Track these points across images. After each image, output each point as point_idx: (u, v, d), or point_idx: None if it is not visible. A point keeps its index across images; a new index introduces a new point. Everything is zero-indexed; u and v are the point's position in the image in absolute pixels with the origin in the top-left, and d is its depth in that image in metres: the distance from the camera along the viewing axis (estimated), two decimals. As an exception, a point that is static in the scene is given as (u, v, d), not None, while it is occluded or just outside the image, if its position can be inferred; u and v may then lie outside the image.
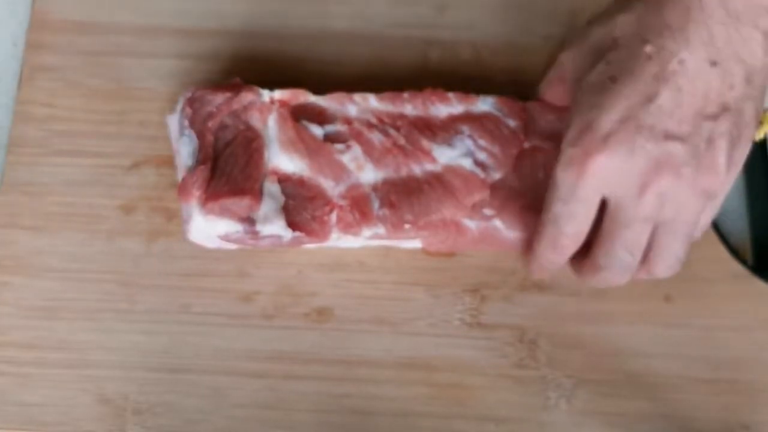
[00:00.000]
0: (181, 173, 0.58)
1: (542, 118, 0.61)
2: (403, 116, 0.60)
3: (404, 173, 0.59)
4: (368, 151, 0.59)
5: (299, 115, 0.59)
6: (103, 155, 0.62)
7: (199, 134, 0.58)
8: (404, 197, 0.58)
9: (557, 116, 0.61)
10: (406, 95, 0.60)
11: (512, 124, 0.60)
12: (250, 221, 0.57)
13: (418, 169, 0.59)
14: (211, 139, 0.58)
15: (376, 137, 0.59)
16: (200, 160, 0.57)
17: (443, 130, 0.60)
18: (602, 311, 0.60)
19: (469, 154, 0.59)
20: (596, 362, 0.59)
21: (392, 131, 0.60)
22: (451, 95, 0.60)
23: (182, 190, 0.57)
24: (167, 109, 0.62)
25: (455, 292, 0.60)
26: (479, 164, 0.59)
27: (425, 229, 0.58)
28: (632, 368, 0.59)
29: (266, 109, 0.59)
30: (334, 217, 0.57)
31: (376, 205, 0.58)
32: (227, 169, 0.57)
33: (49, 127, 0.63)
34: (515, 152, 0.59)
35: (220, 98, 0.59)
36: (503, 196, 0.59)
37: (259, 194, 0.57)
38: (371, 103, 0.60)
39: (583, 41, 0.56)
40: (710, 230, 0.61)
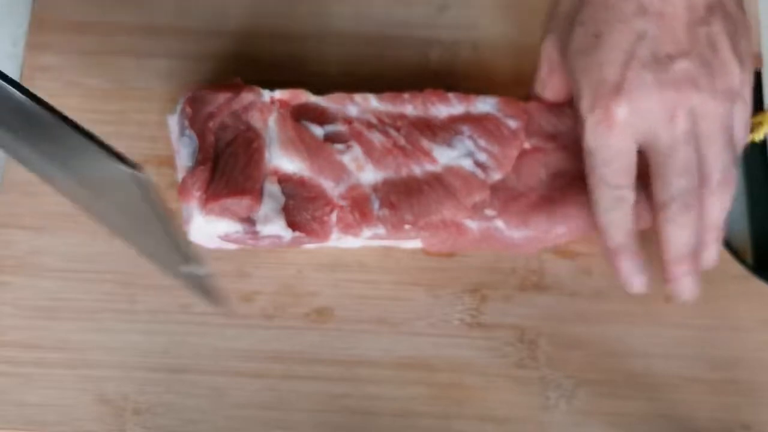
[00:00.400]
0: (181, 173, 0.58)
1: (543, 118, 0.61)
2: (403, 116, 0.60)
3: (404, 174, 0.59)
4: (368, 151, 0.59)
5: (299, 115, 0.59)
6: (103, 155, 0.62)
7: (199, 134, 0.58)
8: (404, 198, 0.58)
9: (557, 116, 0.61)
10: (406, 95, 0.60)
11: (512, 124, 0.60)
12: (250, 221, 0.57)
13: (418, 169, 0.59)
14: (211, 139, 0.58)
15: (376, 137, 0.59)
16: (200, 160, 0.57)
17: (443, 130, 0.60)
18: (602, 311, 0.60)
19: (469, 154, 0.59)
20: (596, 362, 0.59)
21: (392, 131, 0.60)
22: (451, 95, 0.60)
23: (182, 190, 0.57)
24: (167, 109, 0.62)
25: (455, 292, 0.60)
26: (479, 165, 0.59)
27: (425, 229, 0.58)
28: (632, 368, 0.59)
29: (266, 109, 0.59)
30: (334, 217, 0.57)
31: (376, 205, 0.58)
32: (227, 169, 0.57)
33: (49, 127, 0.63)
34: (515, 153, 0.59)
35: (220, 98, 0.59)
36: (504, 196, 0.59)
37: (259, 194, 0.57)
38: (371, 103, 0.60)
39: (554, 19, 0.58)
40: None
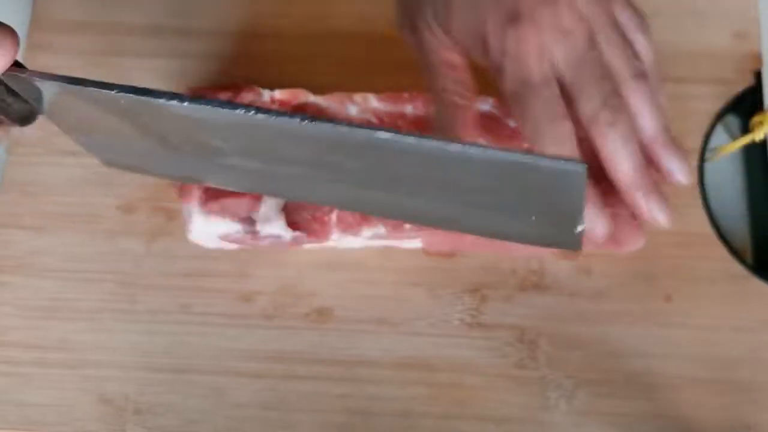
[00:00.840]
0: (181, 173, 0.58)
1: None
2: (403, 116, 0.60)
3: (404, 173, 0.59)
4: (368, 151, 0.59)
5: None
6: (103, 155, 0.62)
7: (199, 134, 0.58)
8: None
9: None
10: (406, 95, 0.60)
11: (512, 123, 0.60)
12: (250, 221, 0.57)
13: (418, 169, 0.59)
14: (211, 138, 0.58)
15: (376, 137, 0.59)
16: (200, 159, 0.58)
17: (443, 129, 0.60)
18: (602, 311, 0.60)
19: (469, 153, 0.59)
20: (596, 362, 0.59)
21: (392, 131, 0.60)
22: (451, 95, 0.60)
23: (183, 190, 0.57)
24: (167, 109, 0.62)
25: (455, 292, 0.60)
26: (479, 164, 0.59)
27: (425, 229, 0.58)
28: (632, 368, 0.59)
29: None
30: (334, 217, 0.57)
31: None
32: (227, 169, 0.57)
33: (49, 127, 0.63)
34: (515, 152, 0.59)
35: (220, 98, 0.59)
36: (503, 196, 0.59)
37: (258, 194, 0.57)
38: (371, 103, 0.60)
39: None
40: (710, 230, 0.61)
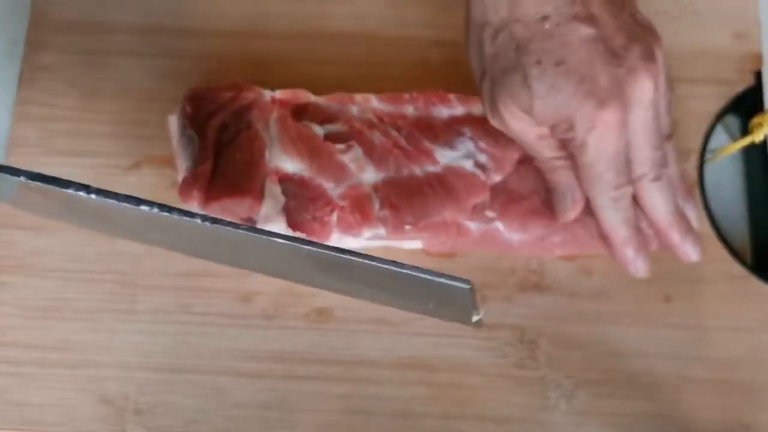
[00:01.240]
0: (181, 173, 0.58)
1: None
2: (404, 117, 0.60)
3: (405, 174, 0.59)
4: (369, 151, 0.59)
5: (300, 115, 0.59)
6: (103, 155, 0.62)
7: (200, 134, 0.58)
8: (405, 198, 0.58)
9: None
10: (406, 96, 0.60)
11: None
12: (250, 222, 0.57)
13: (419, 170, 0.59)
14: (212, 139, 0.58)
15: (376, 138, 0.59)
16: (201, 160, 0.57)
17: (444, 131, 0.59)
18: (602, 311, 0.60)
19: (470, 155, 0.59)
20: (596, 362, 0.59)
21: (393, 132, 0.60)
22: (452, 96, 0.60)
23: (183, 190, 0.57)
24: (167, 108, 0.62)
25: (455, 292, 0.60)
26: (480, 166, 0.59)
27: (426, 230, 0.58)
28: (632, 368, 0.59)
29: (267, 109, 0.59)
30: (334, 217, 0.57)
31: (376, 205, 0.58)
32: (228, 169, 0.57)
33: (49, 127, 0.63)
34: (516, 155, 0.59)
35: (221, 98, 0.59)
36: (505, 198, 0.59)
37: (259, 194, 0.57)
38: (372, 103, 0.60)
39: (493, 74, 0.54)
40: (710, 230, 0.61)
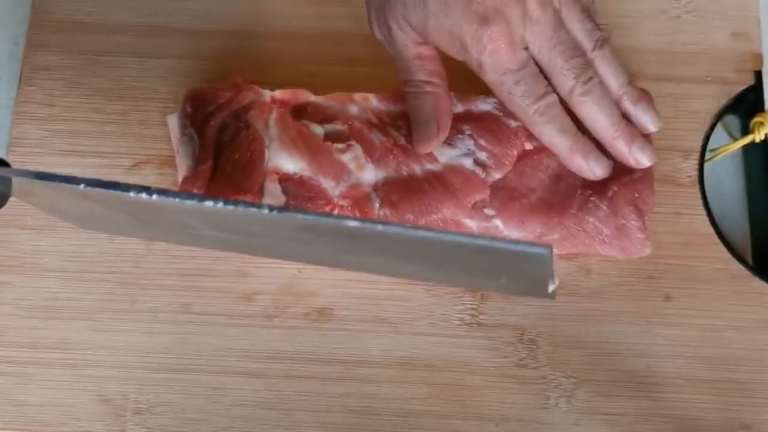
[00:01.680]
0: (181, 173, 0.58)
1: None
2: (403, 116, 0.60)
3: (405, 173, 0.59)
4: (369, 150, 0.59)
5: (300, 114, 0.59)
6: (103, 155, 0.62)
7: (200, 134, 0.58)
8: (405, 197, 0.58)
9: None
10: (407, 96, 0.60)
11: (513, 123, 0.60)
12: (250, 221, 0.57)
13: (418, 168, 0.59)
14: (212, 138, 0.58)
15: (376, 137, 0.59)
16: (201, 159, 0.57)
17: (444, 129, 0.60)
18: (602, 311, 0.60)
19: (469, 153, 0.59)
20: (596, 362, 0.59)
21: (393, 131, 0.60)
22: (451, 95, 0.60)
23: (183, 189, 0.57)
24: (168, 108, 0.62)
25: (455, 292, 0.60)
26: (480, 164, 0.59)
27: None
28: (632, 368, 0.59)
29: (267, 108, 0.59)
30: (334, 216, 0.57)
31: (376, 204, 0.58)
32: (228, 168, 0.57)
33: (49, 127, 0.63)
34: (516, 152, 0.59)
35: (220, 98, 0.59)
36: (504, 196, 0.59)
37: (259, 194, 0.57)
38: (372, 103, 0.60)
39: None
40: (710, 230, 0.61)
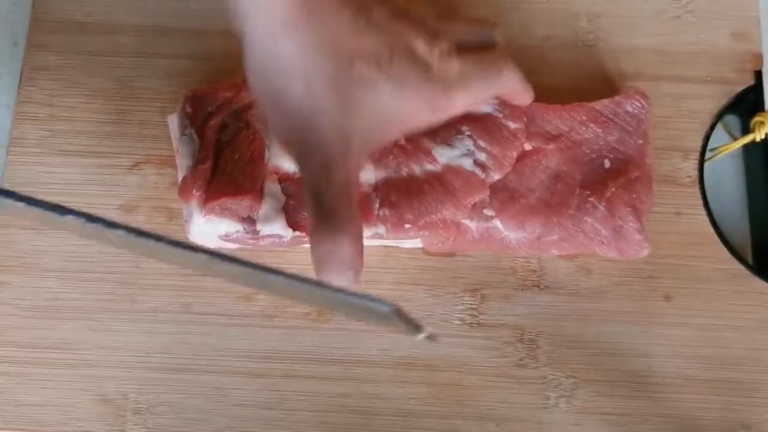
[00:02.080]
0: (181, 173, 0.58)
1: (543, 119, 0.61)
2: None
3: (404, 173, 0.59)
4: (368, 151, 0.59)
5: (300, 114, 0.59)
6: (103, 155, 0.62)
7: (199, 133, 0.58)
8: (404, 197, 0.58)
9: (559, 117, 0.61)
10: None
11: (513, 125, 0.60)
12: (250, 221, 0.57)
13: (418, 168, 0.59)
14: (212, 138, 0.58)
15: (376, 137, 0.59)
16: (201, 159, 0.57)
17: (444, 129, 0.59)
18: (602, 310, 0.60)
19: (469, 154, 0.59)
20: (596, 362, 0.59)
21: (392, 131, 0.60)
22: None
23: (183, 190, 0.57)
24: (168, 108, 0.62)
25: (455, 292, 0.60)
26: (479, 164, 0.59)
27: (425, 229, 0.58)
28: (632, 368, 0.59)
29: (267, 108, 0.59)
30: (334, 217, 0.57)
31: (376, 204, 0.58)
32: (228, 168, 0.57)
33: (49, 127, 0.63)
34: (515, 153, 0.59)
35: (220, 98, 0.59)
36: (503, 196, 0.59)
37: (259, 194, 0.57)
38: None
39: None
40: (710, 230, 0.61)
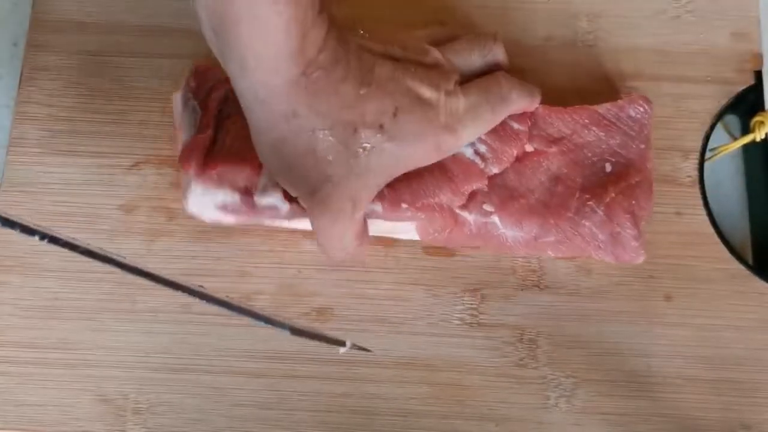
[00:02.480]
0: (182, 143, 0.58)
1: (546, 122, 0.61)
2: None
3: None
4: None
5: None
6: (103, 155, 0.62)
7: (202, 105, 0.58)
8: (403, 180, 0.57)
9: (562, 120, 0.61)
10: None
11: (515, 126, 0.60)
12: (248, 192, 0.57)
13: (418, 155, 0.58)
14: (214, 109, 0.58)
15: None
16: (201, 128, 0.58)
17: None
18: (602, 310, 0.60)
19: (470, 144, 0.59)
20: (596, 362, 0.59)
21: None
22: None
23: (182, 157, 0.57)
24: (168, 108, 0.62)
25: (455, 292, 0.60)
26: (479, 155, 0.59)
27: (422, 210, 0.57)
28: (632, 368, 0.59)
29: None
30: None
31: None
32: (228, 139, 0.58)
33: (49, 127, 0.63)
34: (515, 151, 0.59)
35: (224, 72, 0.59)
36: (503, 194, 0.59)
37: (258, 165, 0.57)
38: None
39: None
40: (710, 230, 0.61)
